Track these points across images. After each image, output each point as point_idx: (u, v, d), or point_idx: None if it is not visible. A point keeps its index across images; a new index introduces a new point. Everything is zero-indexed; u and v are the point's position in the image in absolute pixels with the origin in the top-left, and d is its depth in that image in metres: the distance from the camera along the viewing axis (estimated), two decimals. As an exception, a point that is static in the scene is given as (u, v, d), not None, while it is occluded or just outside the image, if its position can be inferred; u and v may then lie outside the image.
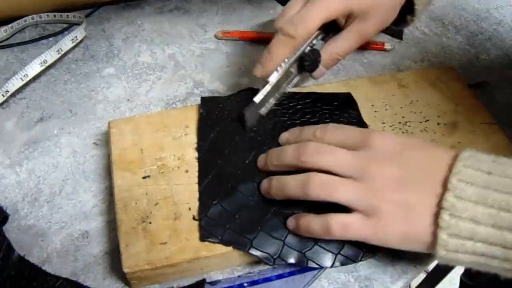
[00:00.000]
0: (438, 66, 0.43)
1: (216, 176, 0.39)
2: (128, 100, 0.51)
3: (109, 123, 0.43)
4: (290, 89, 0.45)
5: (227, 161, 0.40)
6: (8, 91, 0.48)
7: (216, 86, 0.53)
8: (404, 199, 0.32)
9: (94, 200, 0.42)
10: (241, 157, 0.40)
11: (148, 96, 0.51)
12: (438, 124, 0.45)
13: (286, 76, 0.43)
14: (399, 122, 0.45)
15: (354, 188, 0.33)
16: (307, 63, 0.43)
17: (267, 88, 0.41)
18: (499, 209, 0.29)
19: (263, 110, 0.43)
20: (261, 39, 0.58)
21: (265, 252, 0.35)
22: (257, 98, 0.41)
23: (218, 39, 0.59)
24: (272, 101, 0.43)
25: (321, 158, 0.35)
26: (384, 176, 0.33)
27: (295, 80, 0.45)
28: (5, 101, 0.49)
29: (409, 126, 0.45)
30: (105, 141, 0.47)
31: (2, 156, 0.45)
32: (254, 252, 0.35)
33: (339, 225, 0.33)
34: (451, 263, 0.32)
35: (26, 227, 0.40)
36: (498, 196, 0.29)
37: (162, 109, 0.50)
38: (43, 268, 0.37)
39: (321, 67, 0.44)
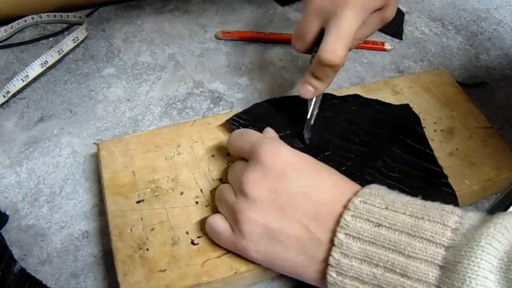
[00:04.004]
0: (431, 70, 0.42)
1: None
2: (128, 100, 0.51)
3: (97, 144, 0.42)
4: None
5: None
6: (9, 92, 0.48)
7: (216, 86, 0.53)
8: (273, 225, 0.32)
9: (94, 200, 0.42)
10: None
11: (148, 96, 0.51)
12: (435, 131, 0.45)
13: None
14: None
15: (230, 203, 0.34)
16: None
17: (314, 101, 0.42)
18: (385, 268, 0.28)
19: (313, 120, 0.43)
20: (261, 39, 0.58)
21: None
22: (309, 115, 0.42)
23: (218, 39, 0.59)
24: (317, 109, 0.43)
25: (230, 168, 0.37)
26: (261, 195, 0.32)
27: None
28: (5, 101, 0.49)
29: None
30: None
31: (2, 156, 0.45)
32: None
33: (211, 230, 0.35)
34: None
35: (26, 227, 0.40)
36: (384, 254, 0.28)
37: (162, 109, 0.50)
38: (43, 268, 0.37)
39: None
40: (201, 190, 0.39)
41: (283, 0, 0.64)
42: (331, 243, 0.30)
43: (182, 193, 0.39)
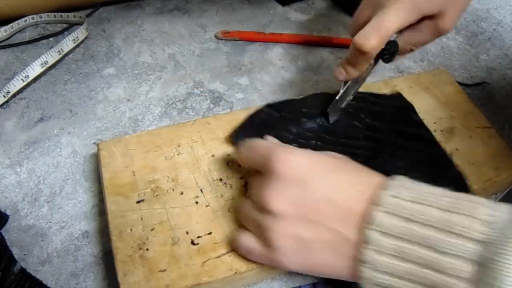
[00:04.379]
0: (431, 70, 0.42)
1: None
2: (128, 100, 0.51)
3: (98, 144, 0.42)
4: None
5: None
6: (9, 92, 0.48)
7: (216, 86, 0.53)
8: (303, 234, 0.32)
9: (94, 200, 0.42)
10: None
11: (148, 96, 0.51)
12: (435, 131, 0.45)
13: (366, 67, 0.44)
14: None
15: (257, 220, 0.34)
16: (386, 56, 0.42)
17: (347, 86, 0.43)
18: (418, 264, 0.28)
19: (344, 104, 0.44)
20: (261, 39, 0.58)
21: None
22: (338, 96, 0.44)
23: (218, 39, 0.59)
24: (351, 95, 0.44)
25: (249, 184, 0.37)
26: (283, 208, 0.32)
27: (372, 71, 0.44)
28: (6, 101, 0.49)
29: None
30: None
31: (2, 156, 0.45)
32: None
33: (242, 249, 0.35)
34: None
35: (26, 227, 0.40)
36: (417, 250, 0.28)
37: (162, 109, 0.50)
38: (43, 268, 0.37)
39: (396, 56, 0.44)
40: (201, 190, 0.39)
41: (283, 0, 0.64)
42: (362, 240, 0.30)
43: (182, 193, 0.39)
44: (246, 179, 0.40)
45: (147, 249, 0.35)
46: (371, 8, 0.40)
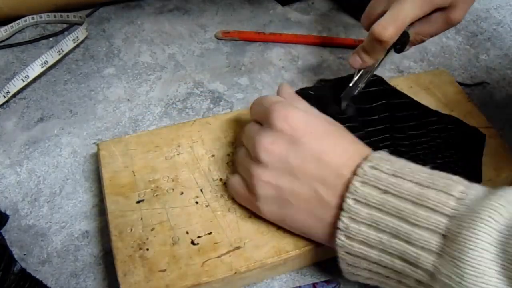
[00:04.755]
0: (431, 70, 0.42)
1: None
2: (128, 100, 0.51)
3: (98, 144, 0.42)
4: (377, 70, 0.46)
5: None
6: (9, 92, 0.48)
7: (216, 86, 0.53)
8: (284, 188, 0.34)
9: (94, 200, 0.42)
10: None
11: (148, 96, 0.51)
12: None
13: None
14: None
15: (246, 166, 0.36)
16: (398, 46, 0.43)
17: (361, 73, 0.44)
18: (390, 234, 0.29)
19: (356, 91, 0.45)
20: (261, 39, 0.58)
21: None
22: (351, 83, 0.44)
23: (218, 39, 0.59)
24: (363, 83, 0.45)
25: (245, 129, 0.38)
26: (273, 160, 0.34)
27: (383, 61, 0.46)
28: (6, 101, 0.49)
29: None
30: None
31: (2, 156, 0.45)
32: None
33: (231, 189, 0.38)
34: (353, 278, 0.33)
35: (26, 227, 0.40)
36: (390, 221, 0.29)
37: (162, 109, 0.50)
38: (43, 268, 0.37)
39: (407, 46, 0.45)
40: (201, 190, 0.39)
41: (283, 0, 0.64)
42: (340, 207, 0.31)
43: (182, 193, 0.39)
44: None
45: (147, 249, 0.35)
46: (384, 1, 0.41)
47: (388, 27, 0.39)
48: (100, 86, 0.52)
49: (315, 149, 0.33)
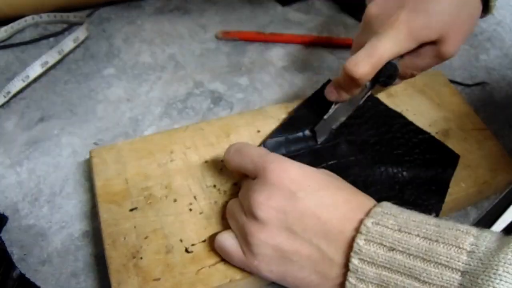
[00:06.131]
0: (426, 72, 0.42)
1: None
2: (128, 100, 0.51)
3: (90, 152, 0.41)
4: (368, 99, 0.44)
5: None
6: (9, 92, 0.49)
7: (216, 86, 0.53)
8: (284, 245, 0.32)
9: (95, 200, 0.42)
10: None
11: (148, 96, 0.51)
12: (430, 133, 0.45)
13: (360, 90, 0.42)
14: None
15: (241, 223, 0.33)
16: (382, 79, 0.40)
17: (338, 106, 0.42)
18: None
19: (336, 124, 0.43)
20: (261, 39, 0.58)
21: None
22: (327, 115, 0.42)
23: (218, 39, 0.59)
24: (344, 116, 0.43)
25: (242, 186, 0.37)
26: (270, 216, 0.32)
27: (369, 93, 0.43)
28: (6, 101, 0.49)
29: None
30: (106, 141, 0.47)
31: (3, 156, 0.45)
32: None
33: (221, 249, 0.35)
34: None
35: (27, 227, 0.40)
36: (400, 280, 0.28)
37: (162, 109, 0.50)
38: (44, 268, 0.38)
39: (397, 80, 0.43)
40: (194, 197, 0.39)
41: (283, 0, 0.64)
42: (346, 267, 0.29)
43: (175, 200, 0.38)
44: (240, 185, 0.40)
45: (141, 258, 0.35)
46: (366, 33, 0.39)
47: (361, 64, 0.36)
48: (100, 86, 0.52)
49: (314, 204, 0.31)
